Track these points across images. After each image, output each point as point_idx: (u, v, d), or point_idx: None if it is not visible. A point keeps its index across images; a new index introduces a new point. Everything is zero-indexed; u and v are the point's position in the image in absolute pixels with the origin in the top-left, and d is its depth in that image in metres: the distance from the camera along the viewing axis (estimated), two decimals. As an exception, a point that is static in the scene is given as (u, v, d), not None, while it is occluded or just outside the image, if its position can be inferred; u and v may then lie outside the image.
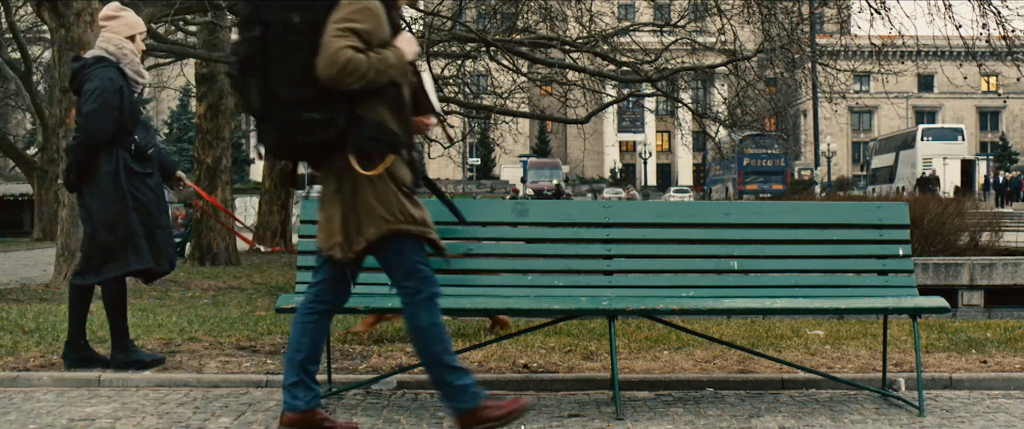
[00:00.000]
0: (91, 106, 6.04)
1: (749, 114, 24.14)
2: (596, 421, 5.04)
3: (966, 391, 5.89)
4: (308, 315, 4.60)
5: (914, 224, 13.18)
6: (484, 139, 60.62)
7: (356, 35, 4.25)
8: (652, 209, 8.07)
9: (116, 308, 6.22)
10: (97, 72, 6.09)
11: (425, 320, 4.51)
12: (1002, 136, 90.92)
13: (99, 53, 6.19)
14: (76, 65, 6.23)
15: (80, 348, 6.23)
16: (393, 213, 4.41)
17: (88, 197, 6.14)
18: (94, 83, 6.05)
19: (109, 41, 6.20)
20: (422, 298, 4.52)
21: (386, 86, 4.38)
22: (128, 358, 6.17)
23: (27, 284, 13.27)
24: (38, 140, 33.44)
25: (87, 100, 6.07)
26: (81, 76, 6.14)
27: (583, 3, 18.81)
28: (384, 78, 4.33)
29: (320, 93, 4.29)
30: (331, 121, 4.31)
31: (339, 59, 4.20)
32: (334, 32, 4.24)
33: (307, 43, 4.28)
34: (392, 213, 4.41)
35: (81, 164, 6.10)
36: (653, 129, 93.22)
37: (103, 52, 6.18)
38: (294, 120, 4.34)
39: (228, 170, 18.14)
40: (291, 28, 4.33)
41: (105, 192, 6.07)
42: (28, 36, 33.75)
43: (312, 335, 4.57)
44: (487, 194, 61.36)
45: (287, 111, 4.35)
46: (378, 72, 4.28)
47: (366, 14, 4.30)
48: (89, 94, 6.06)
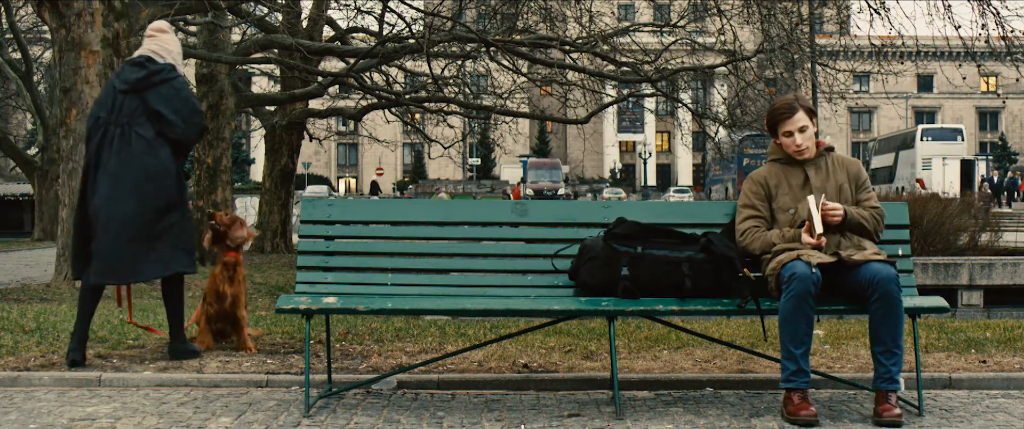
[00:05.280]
0: (196, 106, 6.50)
1: (749, 114, 24.14)
2: (596, 421, 5.04)
3: (965, 391, 5.90)
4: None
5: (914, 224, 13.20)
6: (484, 139, 60.62)
7: None
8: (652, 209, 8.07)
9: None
10: (181, 80, 6.45)
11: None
12: (1001, 136, 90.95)
13: (170, 61, 6.45)
14: (152, 66, 6.38)
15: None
16: None
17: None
18: (187, 91, 6.45)
19: (169, 52, 6.48)
20: None
21: None
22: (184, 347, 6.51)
23: (27, 284, 13.28)
24: (39, 140, 33.43)
25: (189, 100, 6.43)
26: (156, 78, 6.35)
27: (583, 3, 18.80)
28: None
29: None
30: None
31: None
32: None
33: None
34: None
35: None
36: (653, 129, 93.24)
37: (175, 61, 6.48)
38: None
39: (228, 170, 18.14)
40: None
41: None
42: (28, 36, 33.74)
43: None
44: (487, 194, 61.37)
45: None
46: None
47: None
48: (190, 98, 6.45)
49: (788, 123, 5.36)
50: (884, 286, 4.97)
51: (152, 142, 6.26)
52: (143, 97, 6.29)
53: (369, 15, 22.04)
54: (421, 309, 5.55)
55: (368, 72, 21.37)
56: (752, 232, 5.36)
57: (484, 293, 5.52)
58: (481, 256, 5.71)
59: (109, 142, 6.26)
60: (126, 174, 6.20)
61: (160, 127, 6.29)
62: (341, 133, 53.49)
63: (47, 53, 36.26)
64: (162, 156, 6.28)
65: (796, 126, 5.35)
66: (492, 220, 5.85)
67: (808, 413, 4.92)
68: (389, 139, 37.52)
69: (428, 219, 5.77)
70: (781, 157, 5.49)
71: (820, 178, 5.40)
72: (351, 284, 5.52)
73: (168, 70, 6.40)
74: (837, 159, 5.51)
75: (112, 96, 6.38)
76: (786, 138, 5.39)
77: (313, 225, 5.64)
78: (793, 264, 5.03)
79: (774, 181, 5.45)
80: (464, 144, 33.02)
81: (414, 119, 29.64)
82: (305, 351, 5.22)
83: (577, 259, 5.41)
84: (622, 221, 5.43)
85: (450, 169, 73.85)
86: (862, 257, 5.11)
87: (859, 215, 5.31)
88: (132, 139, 6.23)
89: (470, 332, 7.53)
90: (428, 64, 17.64)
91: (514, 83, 23.95)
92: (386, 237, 5.74)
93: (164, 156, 6.29)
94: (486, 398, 5.58)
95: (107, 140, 6.27)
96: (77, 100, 12.64)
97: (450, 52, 20.59)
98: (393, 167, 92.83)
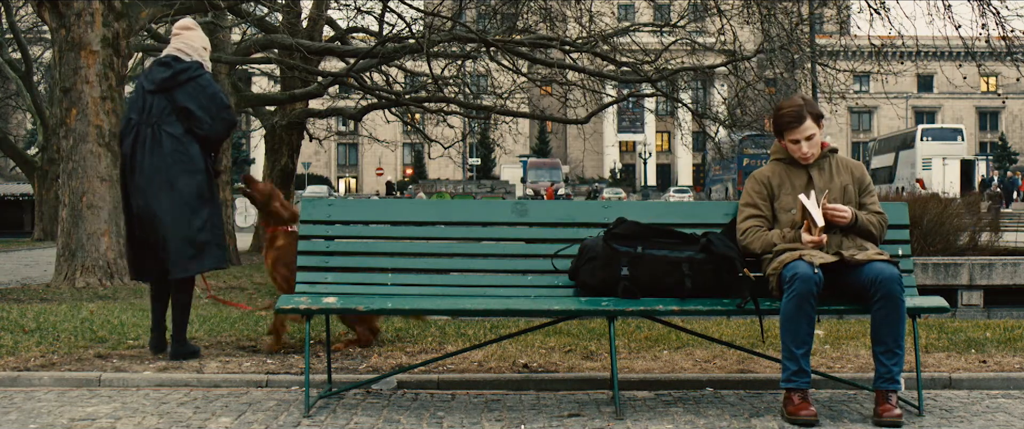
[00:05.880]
0: (224, 101, 6.59)
1: (749, 114, 24.14)
2: (596, 421, 5.04)
3: (965, 391, 5.90)
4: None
5: (914, 224, 13.21)
6: (484, 139, 60.65)
7: None
8: (652, 209, 8.06)
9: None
10: (208, 77, 6.56)
11: None
12: (1001, 136, 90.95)
13: (197, 59, 6.55)
14: (178, 65, 6.50)
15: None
16: None
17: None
18: (214, 88, 6.55)
19: (194, 50, 6.58)
20: None
21: None
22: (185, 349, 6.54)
23: (28, 284, 13.29)
24: (39, 140, 33.46)
25: (217, 96, 6.53)
26: (182, 76, 6.46)
27: (583, 3, 18.81)
28: None
29: None
30: None
31: None
32: None
33: None
34: None
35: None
36: (653, 129, 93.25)
37: (200, 58, 6.57)
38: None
39: (228, 170, 18.14)
40: None
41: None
42: (28, 36, 33.76)
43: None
44: (487, 194, 61.38)
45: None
46: None
47: None
48: (218, 94, 6.54)
49: (796, 132, 5.34)
50: (887, 286, 4.96)
51: (181, 139, 6.43)
52: (171, 96, 6.46)
53: (369, 15, 22.06)
54: (421, 309, 5.55)
55: (368, 72, 21.38)
56: (753, 232, 5.36)
57: (484, 293, 5.52)
58: (481, 256, 5.70)
59: (142, 143, 6.45)
60: (159, 173, 6.38)
61: (189, 124, 6.45)
62: (341, 133, 53.51)
63: (47, 53, 36.26)
64: (192, 152, 6.44)
65: (803, 135, 5.34)
66: (492, 220, 5.85)
67: (808, 413, 4.92)
68: (389, 139, 37.54)
69: (428, 219, 5.77)
70: (785, 157, 5.48)
71: (824, 179, 5.40)
72: (351, 284, 5.53)
73: (195, 68, 6.53)
74: (841, 161, 5.50)
75: (142, 97, 6.55)
76: (792, 144, 5.38)
77: (313, 225, 5.64)
78: (795, 264, 5.03)
79: (777, 181, 5.45)
80: (464, 144, 33.02)
81: (414, 119, 29.65)
82: (305, 351, 5.22)
83: (577, 259, 5.41)
84: (622, 221, 5.42)
85: (450, 169, 73.84)
86: (865, 257, 5.11)
87: (867, 221, 5.30)
88: (162, 138, 6.41)
89: (470, 332, 7.52)
90: (428, 64, 17.65)
91: (514, 83, 23.95)
92: (386, 237, 5.74)
93: (194, 152, 6.45)
94: (486, 398, 5.58)
95: (140, 141, 6.45)
96: (77, 100, 12.64)
97: (450, 52, 20.60)
98: (393, 167, 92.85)
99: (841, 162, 5.49)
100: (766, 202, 5.43)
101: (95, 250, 12.37)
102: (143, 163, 6.43)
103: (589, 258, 5.33)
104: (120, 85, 13.08)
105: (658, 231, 5.41)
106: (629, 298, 5.20)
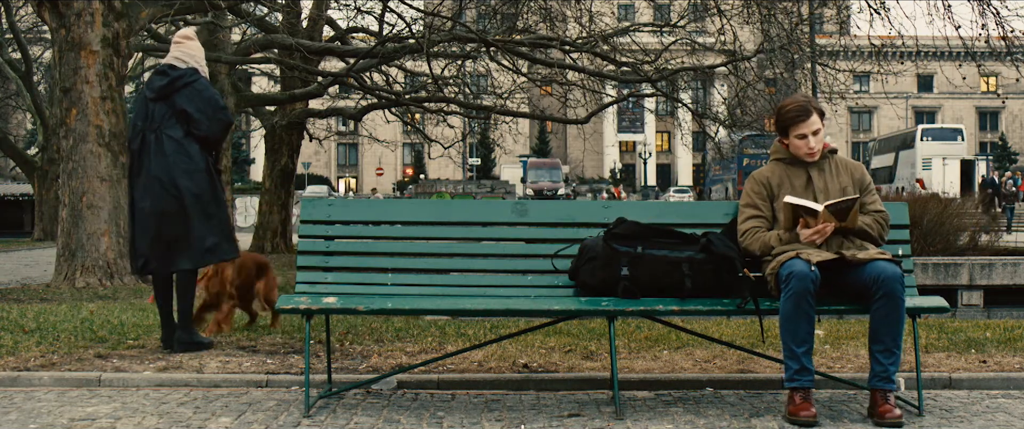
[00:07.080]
0: (220, 103, 6.94)
1: (749, 114, 24.15)
2: (596, 421, 5.04)
3: (965, 391, 5.89)
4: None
5: (914, 224, 13.21)
6: (484, 139, 60.65)
7: None
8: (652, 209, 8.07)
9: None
10: (204, 81, 6.93)
11: None
12: (1001, 136, 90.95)
13: (193, 66, 6.94)
14: (174, 73, 6.90)
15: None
16: None
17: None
18: (210, 91, 6.90)
19: (191, 57, 6.97)
20: None
21: None
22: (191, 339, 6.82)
23: (28, 284, 13.29)
24: (39, 140, 33.46)
25: (213, 99, 6.88)
26: (179, 82, 6.84)
27: (583, 3, 18.81)
28: None
29: None
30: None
31: None
32: None
33: None
34: None
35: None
36: (653, 129, 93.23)
37: (197, 65, 6.96)
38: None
39: (228, 170, 18.14)
40: None
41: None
42: (28, 36, 33.78)
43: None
44: (487, 194, 61.35)
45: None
46: None
47: None
48: (214, 97, 6.90)
49: (802, 126, 5.33)
50: (889, 285, 4.96)
51: (182, 141, 6.82)
52: (170, 102, 6.86)
53: (369, 15, 22.06)
54: (421, 309, 5.55)
55: (368, 72, 21.39)
56: (752, 233, 5.36)
57: (484, 293, 5.52)
58: (481, 256, 5.70)
59: (147, 148, 6.86)
60: (163, 174, 6.76)
61: (188, 126, 6.86)
62: (341, 133, 53.50)
63: (47, 53, 36.28)
64: (192, 153, 6.81)
65: (810, 129, 5.33)
66: (492, 220, 5.85)
67: (808, 414, 4.92)
68: (389, 139, 37.54)
69: (428, 219, 5.77)
70: (785, 157, 5.48)
71: (824, 180, 5.39)
72: (351, 284, 5.52)
73: (190, 74, 6.91)
74: (840, 161, 5.50)
75: (144, 105, 6.97)
76: (798, 140, 5.36)
77: (313, 225, 5.64)
78: (791, 263, 5.02)
79: (777, 181, 5.44)
80: (464, 144, 33.02)
81: (414, 119, 29.65)
82: (305, 351, 5.22)
83: (577, 259, 5.41)
84: (622, 221, 5.42)
85: (450, 169, 73.82)
86: (866, 256, 5.11)
87: (864, 223, 5.30)
88: (164, 142, 6.81)
89: (470, 332, 7.52)
90: (428, 64, 17.65)
91: (514, 83, 23.96)
92: (386, 237, 5.74)
93: (194, 153, 6.82)
94: (486, 398, 5.58)
95: (145, 146, 6.88)
96: (77, 100, 12.64)
97: (450, 52, 20.60)
98: (393, 167, 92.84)
99: (841, 163, 5.49)
100: (766, 203, 5.43)
101: (95, 250, 12.37)
102: (149, 166, 6.82)
103: (589, 258, 5.33)
104: (120, 85, 13.09)
105: (658, 231, 5.41)
106: (629, 298, 5.20)
